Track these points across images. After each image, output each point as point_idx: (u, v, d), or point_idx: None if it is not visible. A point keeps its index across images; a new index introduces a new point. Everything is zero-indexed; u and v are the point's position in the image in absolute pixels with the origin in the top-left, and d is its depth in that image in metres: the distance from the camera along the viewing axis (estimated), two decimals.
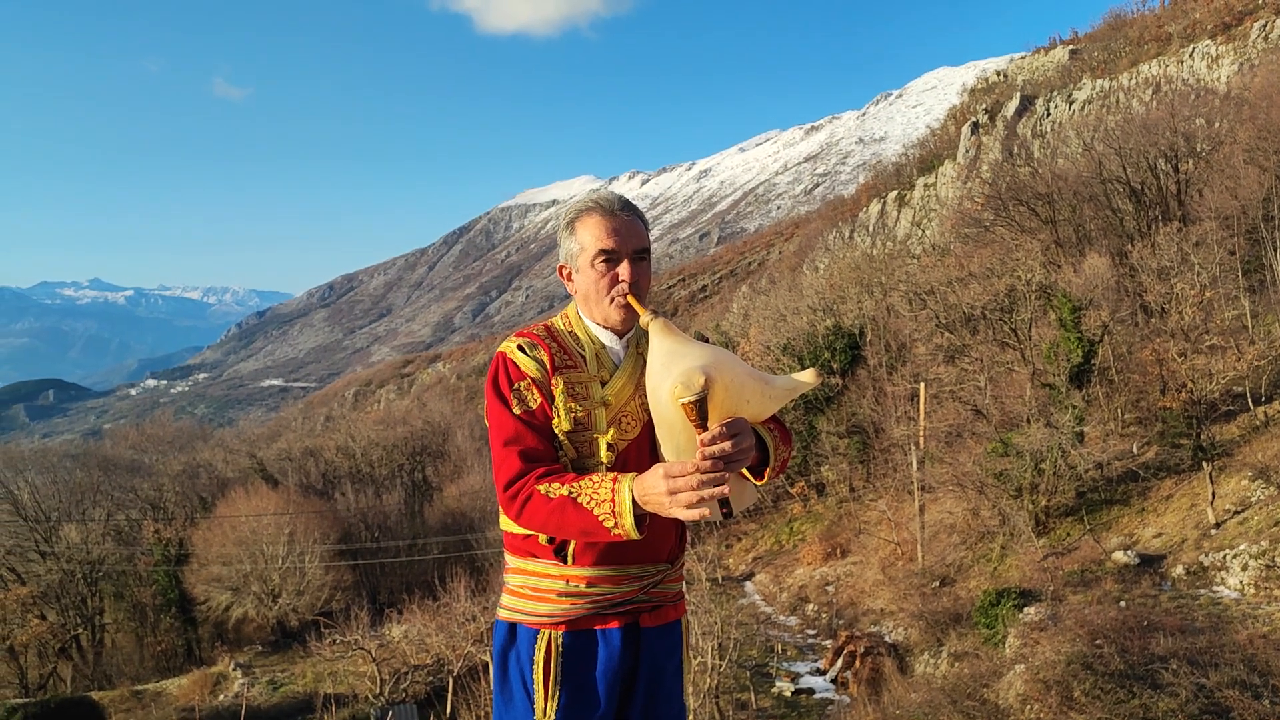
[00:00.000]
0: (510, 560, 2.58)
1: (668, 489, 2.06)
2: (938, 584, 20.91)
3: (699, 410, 2.09)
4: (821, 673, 19.06)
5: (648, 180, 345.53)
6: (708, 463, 2.04)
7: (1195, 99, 42.08)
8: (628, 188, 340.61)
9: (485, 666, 19.70)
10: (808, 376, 2.34)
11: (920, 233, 74.71)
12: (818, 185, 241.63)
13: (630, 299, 2.43)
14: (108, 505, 39.05)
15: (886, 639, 19.21)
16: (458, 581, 21.62)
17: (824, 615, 23.59)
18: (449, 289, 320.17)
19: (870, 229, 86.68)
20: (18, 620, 31.42)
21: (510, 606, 2.55)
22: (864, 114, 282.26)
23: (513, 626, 2.54)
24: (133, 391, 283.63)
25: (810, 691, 18.06)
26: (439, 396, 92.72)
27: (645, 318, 2.35)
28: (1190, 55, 69.50)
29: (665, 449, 2.30)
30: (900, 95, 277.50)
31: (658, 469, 2.11)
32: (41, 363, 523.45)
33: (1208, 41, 69.30)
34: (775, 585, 28.02)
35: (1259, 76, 46.95)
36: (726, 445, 2.06)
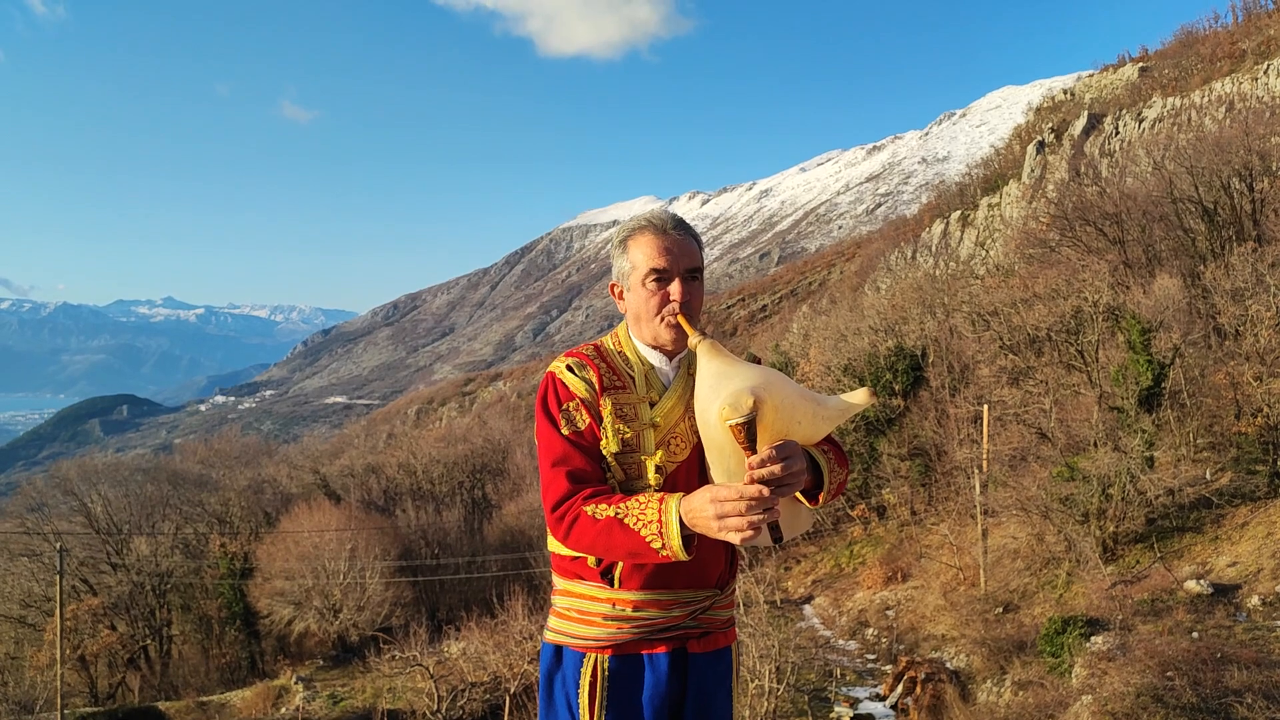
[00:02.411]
0: (558, 582, 2.56)
1: (715, 513, 2.03)
2: (1001, 610, 20.50)
3: (748, 432, 2.06)
4: (881, 698, 18.76)
5: (708, 200, 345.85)
6: (756, 487, 2.00)
7: (1270, 116, 41.06)
8: (688, 208, 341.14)
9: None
10: (860, 397, 2.30)
11: (984, 253, 73.69)
12: (880, 205, 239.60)
13: (680, 319, 2.40)
14: (176, 519, 39.80)
15: (948, 665, 18.86)
16: (515, 599, 21.68)
17: (884, 640, 23.25)
18: (510, 308, 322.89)
19: (933, 249, 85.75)
20: (89, 630, 32.17)
21: (557, 629, 2.53)
22: (927, 133, 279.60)
23: (559, 649, 2.52)
24: (202, 407, 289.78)
25: (870, 717, 17.78)
26: (499, 415, 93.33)
27: (694, 339, 2.33)
28: (1265, 72, 67.77)
29: (715, 472, 2.27)
30: (964, 114, 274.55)
31: (705, 491, 2.08)
32: (116, 379, 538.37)
33: None
34: (834, 609, 27.70)
35: None
36: (776, 469, 2.03)
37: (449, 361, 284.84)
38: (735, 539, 2.03)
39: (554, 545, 2.49)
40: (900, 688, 18.22)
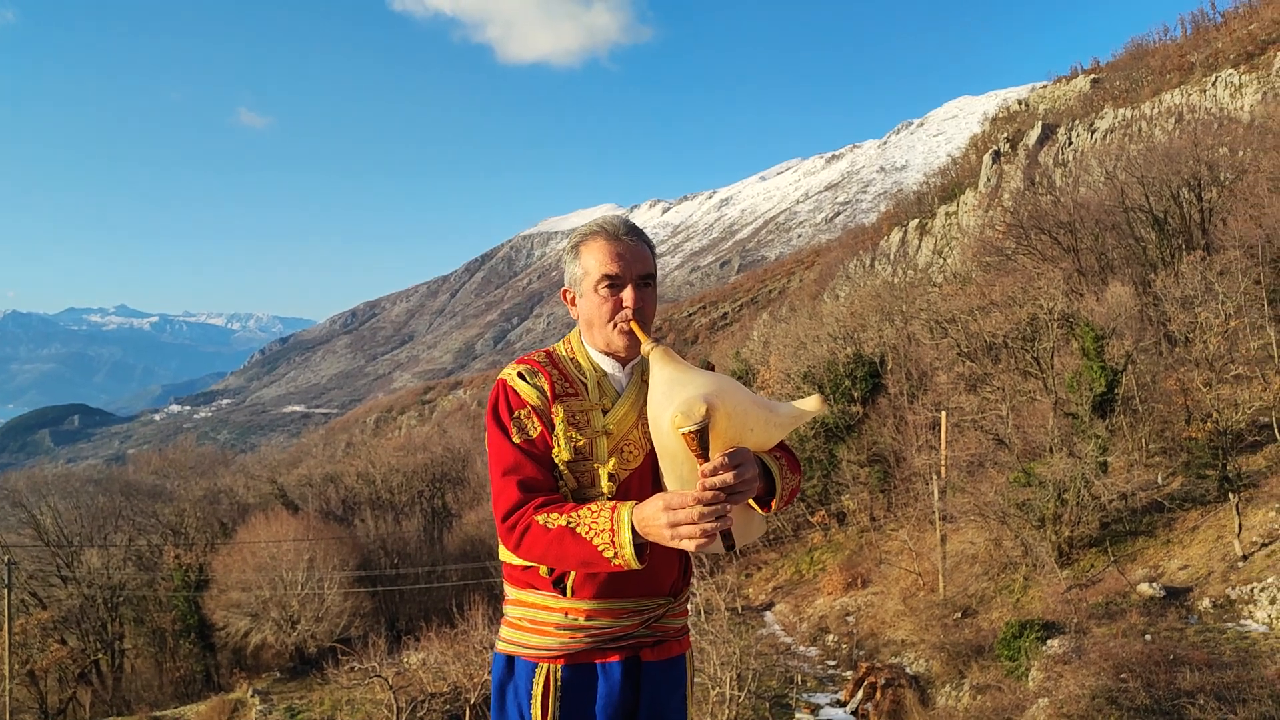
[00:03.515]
0: (510, 592, 2.53)
1: (668, 521, 2.01)
2: (959, 615, 20.68)
3: (700, 440, 2.04)
4: (842, 704, 18.83)
5: (669, 208, 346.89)
6: (709, 494, 1.99)
7: (1218, 128, 41.99)
8: (649, 216, 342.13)
9: None
10: (812, 404, 2.30)
11: (942, 261, 74.59)
12: (839, 213, 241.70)
13: (633, 325, 2.38)
14: (129, 530, 39.15)
15: (907, 670, 18.99)
16: (475, 609, 21.53)
17: (844, 646, 23.36)
18: (471, 316, 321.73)
19: (891, 257, 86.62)
20: (38, 645, 31.51)
21: (509, 639, 2.50)
22: (885, 142, 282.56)
23: (510, 659, 2.49)
24: (156, 417, 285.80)
25: None
26: (459, 423, 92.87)
27: (646, 345, 2.31)
28: (1213, 84, 69.25)
29: (668, 479, 2.25)
30: (921, 124, 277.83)
31: (658, 499, 2.06)
32: (67, 388, 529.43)
33: (1230, 70, 69.08)
34: (795, 615, 27.79)
35: None
36: (728, 476, 2.01)
37: (408, 370, 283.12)
38: (688, 546, 2.02)
39: (505, 555, 2.47)
40: (860, 693, 18.30)
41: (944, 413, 26.42)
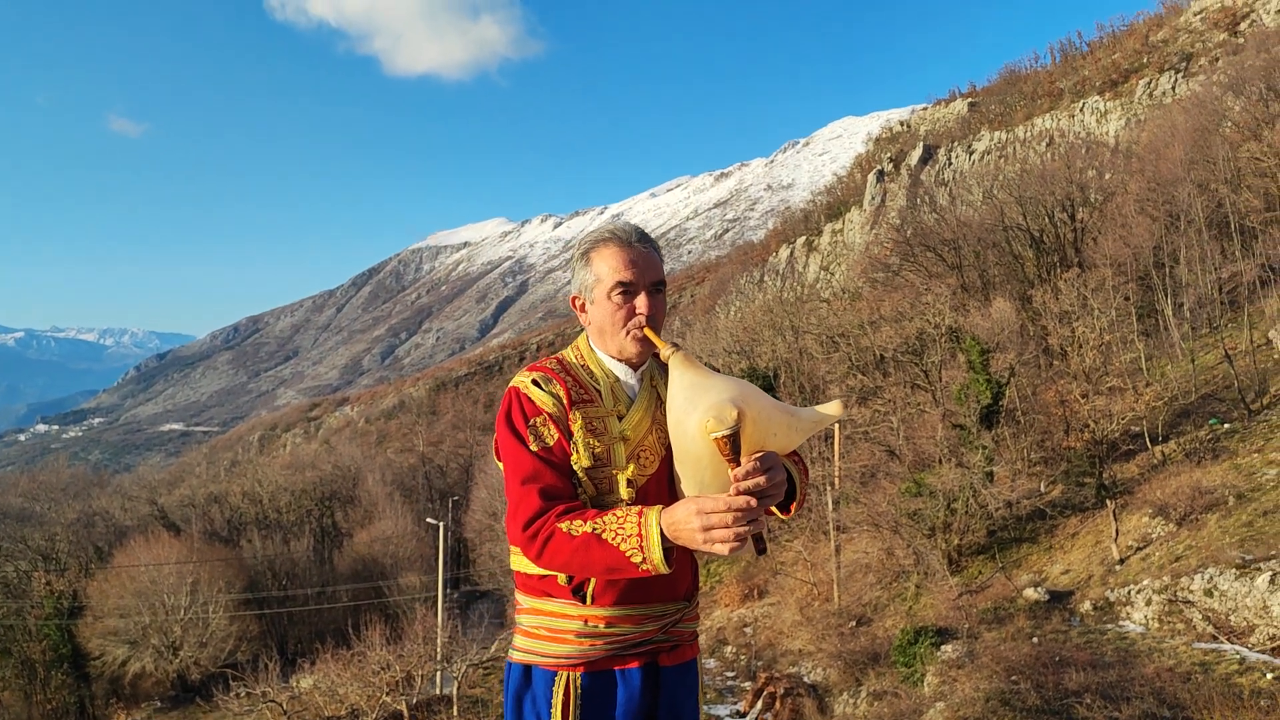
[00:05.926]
0: (524, 600, 2.50)
1: (701, 525, 2.02)
2: (855, 624, 21.10)
3: (732, 444, 2.05)
4: (741, 715, 19.00)
5: (560, 223, 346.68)
6: (742, 498, 2.01)
7: (1087, 151, 44.07)
8: (540, 230, 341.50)
9: (398, 716, 19.20)
10: (833, 409, 2.32)
11: (829, 277, 76.39)
12: (728, 230, 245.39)
13: (648, 332, 2.39)
14: None
15: (806, 679, 19.26)
16: (372, 629, 21.06)
17: (743, 657, 23.58)
18: (357, 331, 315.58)
19: (780, 273, 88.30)
20: None
21: (524, 648, 2.47)
22: (772, 161, 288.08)
23: (528, 668, 2.46)
24: (21, 437, 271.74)
25: None
26: (347, 440, 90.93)
27: (666, 351, 2.30)
28: (1081, 110, 72.82)
29: (687, 484, 2.25)
30: (807, 143, 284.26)
31: (689, 503, 2.06)
32: None
33: (1097, 97, 72.78)
34: None
35: (1146, 131, 49.42)
36: (761, 479, 2.04)
37: (293, 386, 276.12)
38: (722, 550, 2.03)
39: (519, 563, 2.45)
40: (760, 704, 18.49)
41: (837, 425, 26.99)
